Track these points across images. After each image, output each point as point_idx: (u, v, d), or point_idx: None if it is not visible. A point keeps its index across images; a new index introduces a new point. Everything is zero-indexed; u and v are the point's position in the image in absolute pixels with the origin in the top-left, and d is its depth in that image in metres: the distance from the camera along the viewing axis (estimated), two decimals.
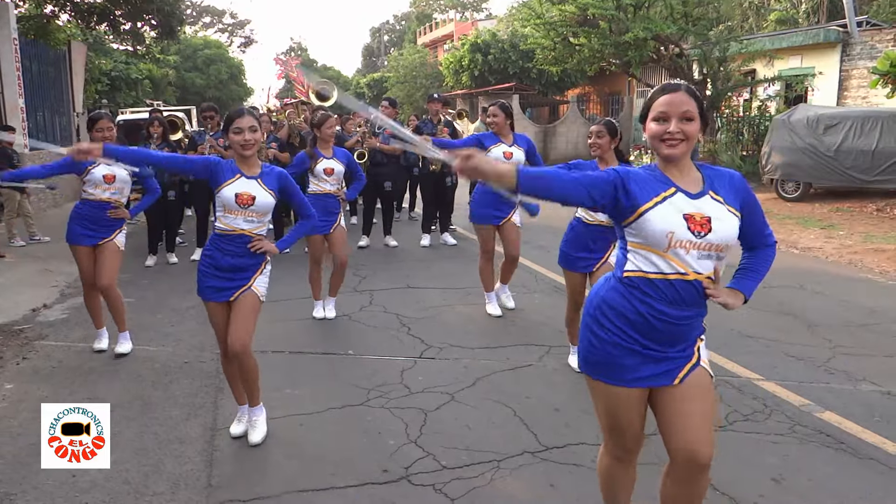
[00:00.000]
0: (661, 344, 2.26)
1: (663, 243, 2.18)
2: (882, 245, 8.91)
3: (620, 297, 2.27)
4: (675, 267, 2.19)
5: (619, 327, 2.27)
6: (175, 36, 19.11)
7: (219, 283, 3.55)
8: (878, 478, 3.27)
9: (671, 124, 2.18)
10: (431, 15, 56.82)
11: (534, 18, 18.17)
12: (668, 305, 2.21)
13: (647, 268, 2.22)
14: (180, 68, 38.28)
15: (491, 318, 5.87)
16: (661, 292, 2.21)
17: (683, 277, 2.19)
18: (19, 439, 3.72)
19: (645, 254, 2.22)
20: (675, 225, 2.17)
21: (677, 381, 2.30)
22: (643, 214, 2.20)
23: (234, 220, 3.49)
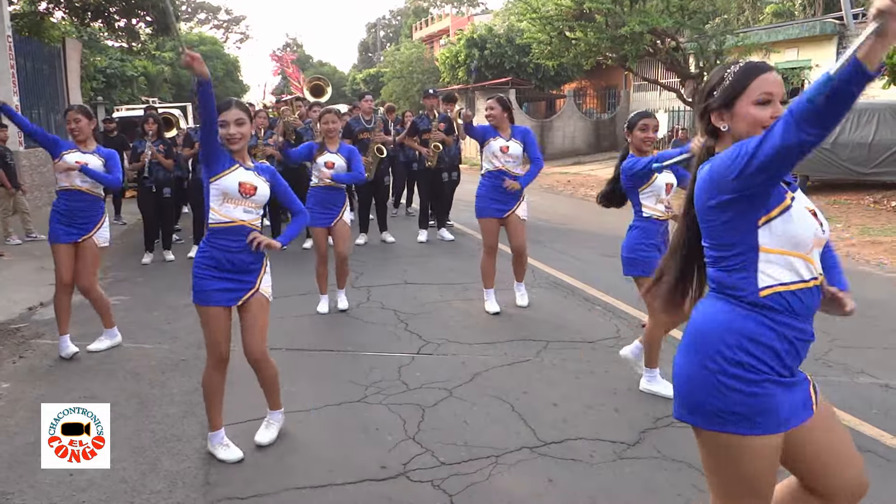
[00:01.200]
0: (791, 370, 1.89)
1: (808, 243, 1.84)
2: (879, 237, 8.92)
3: (762, 326, 1.83)
4: (813, 271, 1.86)
5: (768, 363, 1.83)
6: (170, 32, 19.05)
7: (223, 284, 3.36)
8: (876, 470, 3.26)
9: (777, 106, 1.85)
10: (427, 10, 56.71)
11: (530, 13, 18.12)
12: (808, 321, 1.87)
13: (787, 278, 1.83)
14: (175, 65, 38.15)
15: (489, 314, 5.85)
16: (805, 306, 1.85)
17: (818, 282, 1.88)
18: (16, 438, 3.71)
19: (788, 259, 1.83)
20: (812, 221, 1.87)
21: (815, 407, 1.93)
22: (788, 209, 1.82)
23: (234, 211, 3.34)
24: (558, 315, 5.83)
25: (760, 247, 1.83)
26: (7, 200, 9.54)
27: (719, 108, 1.94)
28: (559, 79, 26.13)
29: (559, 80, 26.31)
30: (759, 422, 1.82)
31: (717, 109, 1.94)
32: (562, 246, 8.80)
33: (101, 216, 4.98)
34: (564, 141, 24.36)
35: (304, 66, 41.73)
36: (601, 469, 3.30)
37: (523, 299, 6.06)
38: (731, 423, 1.83)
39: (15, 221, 9.69)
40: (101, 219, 4.98)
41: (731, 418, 1.83)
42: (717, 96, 1.94)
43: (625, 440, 3.57)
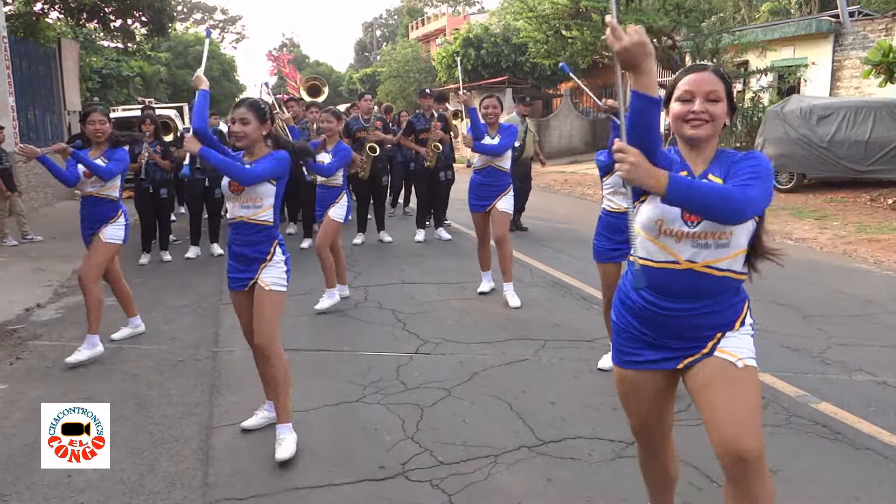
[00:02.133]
0: (659, 334, 2.23)
1: (654, 229, 2.14)
2: (876, 235, 8.94)
3: (623, 284, 2.31)
4: (667, 255, 2.14)
5: (625, 316, 2.30)
6: (166, 33, 19.03)
7: (235, 273, 3.62)
8: (873, 468, 3.27)
9: (696, 104, 2.11)
10: (423, 9, 56.67)
11: (526, 12, 18.13)
12: (666, 298, 2.16)
13: (642, 253, 2.18)
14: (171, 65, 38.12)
15: (487, 313, 5.86)
16: (659, 281, 2.16)
17: (675, 266, 2.14)
18: (13, 440, 3.70)
19: (642, 238, 2.18)
20: (665, 213, 2.11)
21: (681, 366, 2.22)
22: (648, 195, 2.14)
23: (233, 208, 3.55)
24: (556, 314, 5.83)
25: (634, 221, 2.19)
26: (3, 202, 9.52)
27: (665, 107, 2.22)
28: (556, 78, 26.14)
29: (556, 79, 26.32)
30: (618, 357, 2.36)
31: (665, 107, 2.21)
32: (559, 245, 8.81)
33: (115, 215, 5.03)
34: (561, 140, 24.35)
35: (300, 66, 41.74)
36: (600, 468, 3.30)
37: (515, 300, 6.04)
38: (613, 355, 2.39)
39: (11, 223, 9.67)
40: (113, 217, 5.02)
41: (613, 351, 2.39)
42: (665, 96, 2.23)
43: (623, 439, 3.57)
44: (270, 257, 3.57)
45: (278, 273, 3.57)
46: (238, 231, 3.56)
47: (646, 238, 2.17)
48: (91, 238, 5.01)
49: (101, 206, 4.98)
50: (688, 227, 2.11)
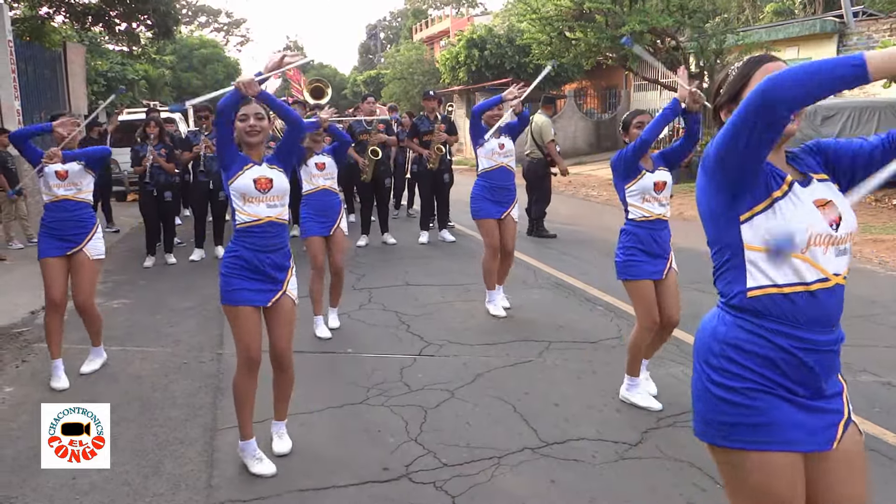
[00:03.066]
0: (810, 389, 1.73)
1: (802, 240, 1.68)
2: (880, 235, 8.91)
3: (747, 333, 1.73)
4: (817, 272, 1.70)
5: (756, 371, 1.72)
6: (171, 36, 19.10)
7: (254, 284, 3.29)
8: (878, 469, 3.26)
9: None
10: (427, 11, 56.73)
11: (530, 13, 18.12)
12: (814, 329, 1.71)
13: (781, 279, 1.70)
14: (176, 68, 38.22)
15: (489, 314, 5.85)
16: (804, 311, 1.69)
17: (825, 285, 1.70)
18: (18, 442, 3.72)
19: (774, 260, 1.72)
20: (811, 217, 1.71)
21: (836, 445, 1.74)
22: (774, 204, 1.71)
23: (257, 208, 3.28)
24: (560, 315, 5.83)
25: (745, 244, 1.74)
26: (9, 205, 9.56)
27: (727, 104, 1.90)
28: (559, 79, 26.10)
29: (559, 80, 26.28)
30: (751, 436, 1.71)
31: (725, 105, 1.90)
32: (563, 246, 8.80)
33: (92, 226, 4.67)
34: (565, 141, 24.31)
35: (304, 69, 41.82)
36: (603, 469, 3.30)
37: (505, 301, 6.03)
38: (723, 437, 1.75)
39: (16, 226, 9.71)
40: (93, 229, 4.66)
41: (722, 430, 1.75)
42: (724, 93, 1.91)
43: (627, 440, 3.57)
44: (293, 264, 3.45)
45: (295, 281, 3.47)
46: (261, 236, 3.28)
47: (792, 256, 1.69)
48: (65, 251, 4.56)
49: (73, 211, 4.58)
50: (832, 231, 1.72)
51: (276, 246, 3.32)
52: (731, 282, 1.78)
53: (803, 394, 1.72)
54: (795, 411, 1.71)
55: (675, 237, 4.14)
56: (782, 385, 1.71)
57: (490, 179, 5.81)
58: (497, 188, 5.80)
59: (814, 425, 1.71)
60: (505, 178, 5.82)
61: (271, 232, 3.30)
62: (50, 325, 4.62)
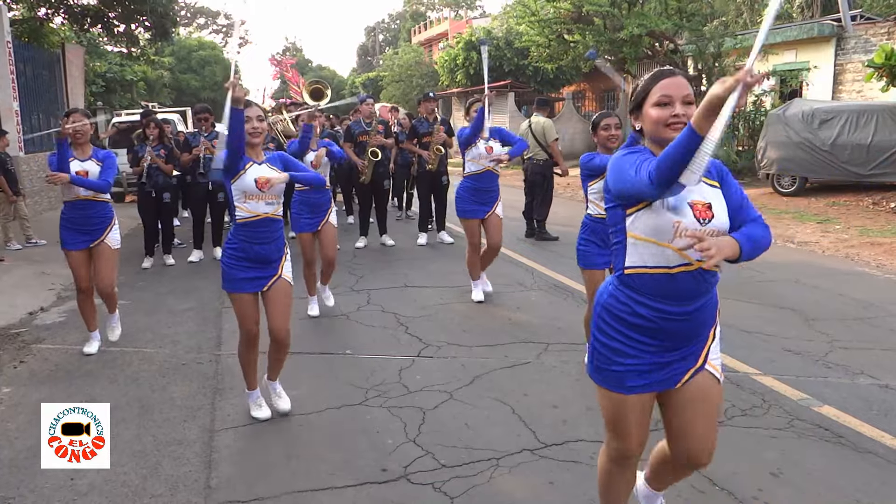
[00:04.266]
0: (666, 347, 2.21)
1: (669, 233, 2.10)
2: (878, 239, 8.93)
3: (618, 302, 2.22)
4: (680, 258, 2.11)
5: (621, 332, 2.22)
6: (169, 37, 19.09)
7: (250, 273, 3.68)
8: (876, 471, 3.27)
9: (676, 107, 2.11)
10: (425, 13, 56.77)
11: (528, 16, 18.16)
12: (672, 302, 2.15)
13: (652, 262, 2.14)
14: (175, 70, 38.20)
15: (489, 316, 5.87)
16: (667, 288, 2.14)
17: (687, 269, 2.12)
18: (17, 443, 3.71)
19: (649, 246, 2.14)
20: (682, 213, 2.11)
21: (679, 385, 2.26)
22: (653, 202, 2.10)
23: (257, 206, 3.61)
24: (558, 317, 5.83)
25: (628, 231, 2.18)
26: (7, 206, 9.56)
27: (633, 111, 2.25)
28: (558, 81, 26.19)
29: (558, 82, 26.37)
30: (604, 378, 2.28)
31: (633, 112, 2.26)
32: (561, 248, 8.81)
33: (111, 219, 5.02)
34: (563, 143, 24.23)
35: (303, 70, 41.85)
36: None
37: (487, 285, 6.43)
38: (596, 376, 2.31)
39: (14, 227, 9.70)
40: (112, 222, 5.03)
41: (596, 372, 2.31)
42: (631, 101, 2.25)
43: None
44: (286, 252, 3.82)
45: (289, 265, 3.85)
46: (258, 229, 3.63)
47: (659, 245, 2.12)
48: (88, 244, 4.95)
49: (97, 208, 4.94)
50: (699, 225, 2.11)
51: (271, 238, 3.69)
52: (618, 258, 2.23)
53: (654, 349, 2.20)
54: (644, 364, 2.21)
55: None
56: (639, 342, 2.20)
57: (475, 181, 6.12)
58: (481, 190, 6.10)
59: (660, 376, 2.23)
60: (489, 181, 6.10)
61: (267, 227, 3.66)
62: (82, 306, 5.12)
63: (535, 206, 9.55)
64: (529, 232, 9.63)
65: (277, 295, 3.74)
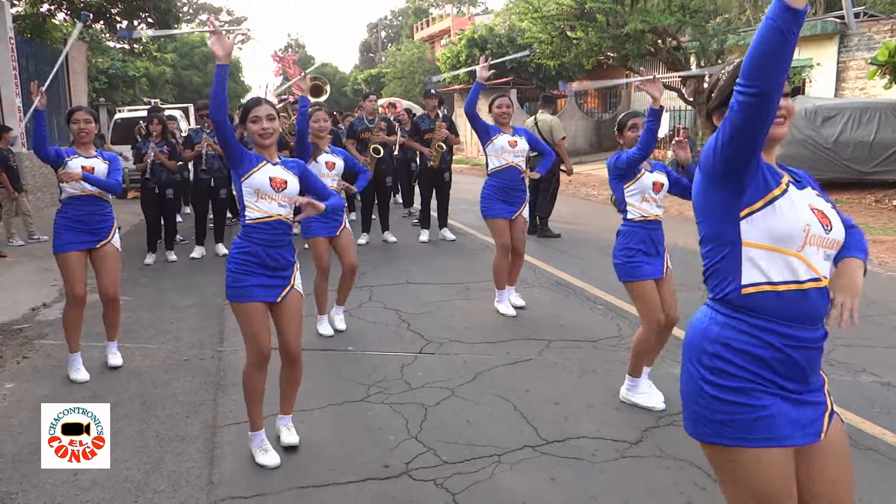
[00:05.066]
0: (799, 384, 1.79)
1: (799, 238, 1.74)
2: (880, 236, 8.92)
3: (738, 332, 1.78)
4: (810, 272, 1.75)
5: (748, 370, 1.76)
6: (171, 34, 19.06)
7: (263, 280, 3.31)
8: (877, 468, 3.27)
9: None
10: (428, 10, 56.70)
11: (531, 12, 18.12)
12: (804, 327, 1.76)
13: (777, 276, 1.75)
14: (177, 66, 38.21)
15: (491, 313, 5.86)
16: (795, 310, 1.75)
17: (818, 284, 1.77)
18: (19, 438, 3.72)
19: (775, 256, 1.75)
20: (808, 216, 1.76)
21: (823, 436, 1.81)
22: (773, 202, 1.76)
23: (270, 206, 3.31)
24: (560, 314, 5.83)
25: (743, 241, 1.78)
26: (10, 203, 9.57)
27: (718, 108, 1.93)
28: (560, 78, 26.13)
29: (560, 79, 26.31)
30: (748, 434, 1.75)
31: (717, 109, 1.93)
32: (563, 245, 8.81)
33: (114, 219, 4.76)
34: (566, 141, 24.34)
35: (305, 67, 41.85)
36: (603, 467, 3.31)
37: (519, 299, 6.06)
38: (718, 435, 1.79)
39: (17, 223, 9.72)
40: (115, 223, 4.76)
41: (717, 429, 1.78)
42: (715, 97, 1.94)
43: (627, 439, 3.58)
44: (297, 260, 3.52)
45: (300, 275, 3.54)
46: (270, 232, 3.31)
47: (781, 254, 1.75)
48: (91, 245, 4.60)
49: (101, 205, 4.66)
50: (825, 233, 1.78)
51: (283, 242, 3.37)
52: (726, 278, 1.81)
53: (793, 389, 1.77)
54: (787, 407, 1.76)
55: (680, 237, 4.17)
56: (773, 382, 1.76)
57: (500, 179, 5.69)
58: (508, 188, 5.69)
59: (804, 419, 1.77)
60: (515, 177, 5.69)
61: (279, 229, 3.34)
62: (71, 318, 4.61)
63: (540, 203, 9.55)
64: (532, 229, 9.62)
65: (290, 308, 3.40)
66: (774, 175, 1.80)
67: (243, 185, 3.32)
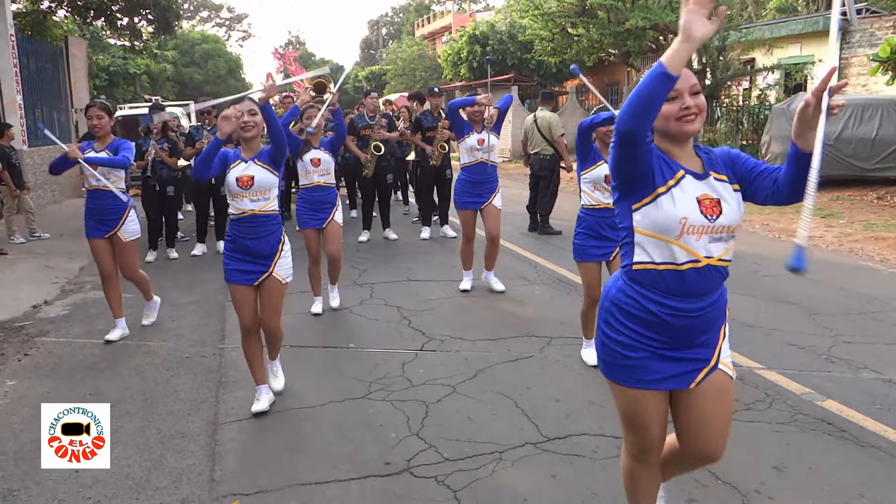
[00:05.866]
0: (676, 343, 2.16)
1: (676, 229, 2.06)
2: (882, 233, 8.91)
3: (627, 297, 2.17)
4: (688, 255, 2.07)
5: (630, 328, 2.16)
6: (172, 31, 19.08)
7: (243, 265, 3.81)
8: (879, 465, 3.27)
9: (686, 99, 2.06)
10: (429, 7, 56.65)
11: (532, 9, 18.12)
12: (681, 299, 2.10)
13: (659, 258, 2.10)
14: (178, 63, 38.19)
15: (492, 310, 5.87)
16: (675, 286, 2.09)
17: (695, 265, 2.08)
18: (21, 435, 3.73)
19: (658, 242, 2.09)
20: (688, 209, 2.07)
21: (693, 385, 2.20)
22: (658, 198, 2.08)
23: (242, 203, 3.75)
24: (561, 311, 5.83)
25: (634, 228, 2.14)
26: (11, 200, 9.58)
27: None
28: (561, 75, 26.12)
29: (561, 76, 26.30)
30: (624, 375, 2.22)
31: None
32: (564, 242, 8.79)
33: (124, 211, 5.15)
34: (567, 137, 24.27)
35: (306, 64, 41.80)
36: (604, 464, 3.31)
37: (498, 285, 6.41)
38: (608, 372, 2.27)
39: (19, 220, 9.72)
40: (124, 215, 5.16)
41: (606, 368, 2.27)
42: None
43: None
44: (281, 248, 3.90)
45: (288, 264, 3.96)
46: (247, 225, 3.77)
47: (662, 241, 2.09)
48: (98, 234, 5.15)
49: (109, 199, 5.06)
50: (708, 222, 2.08)
51: (263, 234, 3.79)
52: (625, 255, 2.21)
53: (667, 346, 2.16)
54: (657, 360, 2.17)
55: None
56: (649, 338, 2.16)
57: (470, 173, 6.17)
58: (476, 182, 6.16)
59: (673, 370, 2.18)
60: (483, 172, 6.15)
61: (256, 222, 3.77)
62: (107, 293, 5.33)
63: (540, 200, 9.54)
64: (532, 226, 9.62)
65: (267, 292, 3.88)
66: (668, 171, 2.10)
67: (225, 185, 3.86)
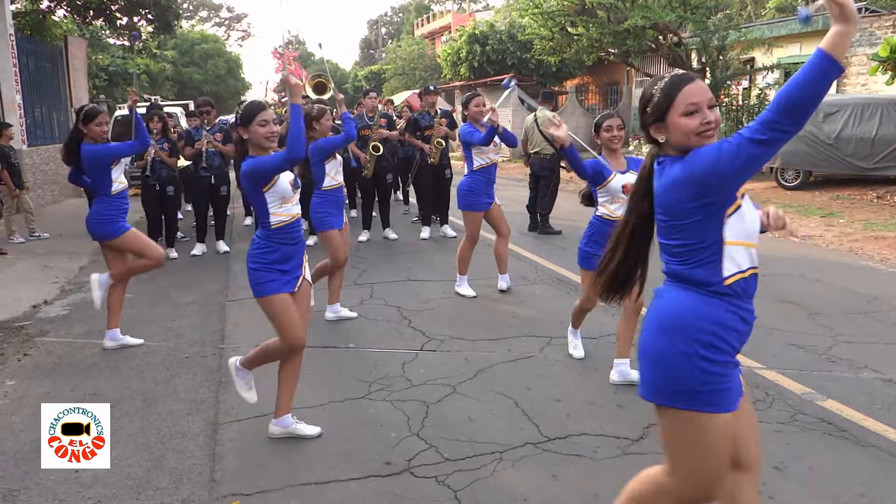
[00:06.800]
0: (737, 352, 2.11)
1: (757, 231, 2.07)
2: (882, 233, 8.91)
3: (727, 312, 2.02)
4: (756, 258, 2.08)
5: (734, 346, 2.04)
6: (172, 30, 19.08)
7: (284, 276, 3.52)
8: (879, 465, 3.27)
9: (706, 113, 2.01)
10: (429, 6, 56.64)
11: (531, 8, 18.11)
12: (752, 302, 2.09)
13: (746, 265, 2.03)
14: (178, 63, 38.17)
15: (492, 310, 5.87)
16: (753, 289, 2.07)
17: (756, 270, 2.08)
18: (21, 435, 3.73)
19: (742, 249, 2.03)
20: (755, 214, 2.10)
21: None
22: (741, 206, 2.03)
23: (292, 208, 3.56)
24: (561, 311, 5.81)
25: (725, 240, 2.01)
26: (11, 200, 9.57)
27: (654, 122, 2.09)
28: (561, 75, 26.10)
29: (561, 76, 26.28)
30: (726, 400, 2.02)
31: (653, 123, 2.09)
32: (564, 242, 8.80)
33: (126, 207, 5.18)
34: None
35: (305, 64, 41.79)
36: (605, 465, 3.31)
37: (508, 281, 6.47)
38: (694, 402, 2.01)
39: (18, 220, 9.72)
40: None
41: (698, 397, 2.00)
42: (650, 112, 2.10)
43: (628, 436, 3.58)
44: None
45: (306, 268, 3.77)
46: (291, 230, 3.54)
47: (746, 246, 2.04)
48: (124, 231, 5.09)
49: (118, 199, 5.07)
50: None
51: (298, 238, 3.62)
52: (708, 273, 2.03)
53: (736, 356, 2.07)
54: (734, 373, 2.06)
55: None
56: (736, 351, 2.06)
57: (486, 174, 6.14)
58: (490, 182, 6.18)
59: (738, 381, 2.08)
60: (494, 173, 6.23)
61: (295, 226, 3.59)
62: (110, 297, 5.16)
63: (540, 200, 9.54)
64: (532, 226, 9.61)
65: (303, 297, 3.65)
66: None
67: (268, 196, 3.47)
